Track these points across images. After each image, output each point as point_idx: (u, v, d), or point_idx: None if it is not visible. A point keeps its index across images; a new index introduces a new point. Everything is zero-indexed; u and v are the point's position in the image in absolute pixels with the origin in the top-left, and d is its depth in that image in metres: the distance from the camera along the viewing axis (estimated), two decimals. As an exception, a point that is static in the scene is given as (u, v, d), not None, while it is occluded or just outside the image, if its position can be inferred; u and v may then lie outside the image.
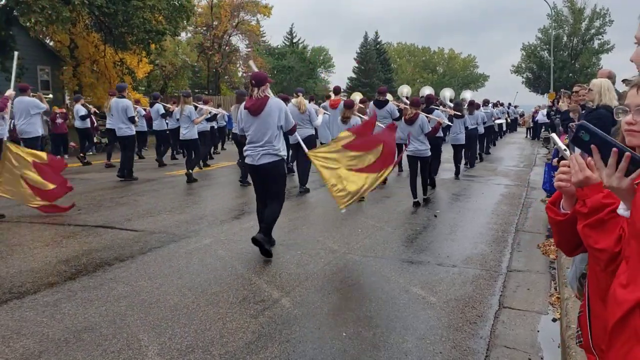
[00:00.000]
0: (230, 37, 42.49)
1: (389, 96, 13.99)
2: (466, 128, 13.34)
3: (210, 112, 13.71)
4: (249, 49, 46.48)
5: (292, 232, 7.06)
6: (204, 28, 41.87)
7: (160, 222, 7.54)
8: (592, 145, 1.49)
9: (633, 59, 1.95)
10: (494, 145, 22.29)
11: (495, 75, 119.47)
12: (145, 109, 17.10)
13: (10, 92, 8.57)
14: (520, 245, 6.67)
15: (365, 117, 10.02)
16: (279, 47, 61.83)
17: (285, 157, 6.43)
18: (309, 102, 12.67)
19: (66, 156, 18.23)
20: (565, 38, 54.70)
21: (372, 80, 60.68)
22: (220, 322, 4.09)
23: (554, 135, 1.86)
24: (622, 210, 1.53)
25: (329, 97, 13.87)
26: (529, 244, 6.72)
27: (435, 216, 8.24)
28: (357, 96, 15.86)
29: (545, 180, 8.81)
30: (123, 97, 12.24)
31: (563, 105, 9.24)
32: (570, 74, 52.54)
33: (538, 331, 4.11)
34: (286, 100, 10.59)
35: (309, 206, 8.92)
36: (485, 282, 5.16)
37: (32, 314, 4.23)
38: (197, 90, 41.34)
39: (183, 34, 35.69)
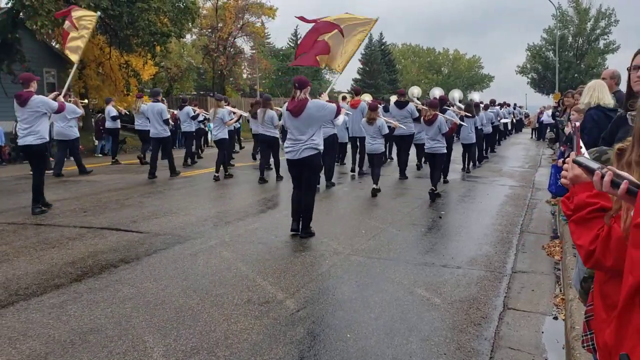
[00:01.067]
0: (235, 39, 42.54)
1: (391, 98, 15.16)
2: (476, 128, 14.04)
3: (240, 115, 14.55)
4: (254, 51, 46.60)
5: (297, 234, 7.06)
6: (209, 30, 41.96)
7: (165, 224, 7.57)
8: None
9: None
10: (499, 144, 22.73)
11: (500, 75, 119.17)
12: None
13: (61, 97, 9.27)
14: (525, 246, 6.67)
15: (392, 120, 11.54)
16: (283, 48, 61.88)
17: (322, 151, 7.05)
18: None
19: (72, 158, 18.36)
20: (570, 38, 54.60)
21: (377, 82, 60.71)
22: (225, 323, 4.11)
23: (584, 154, 1.88)
24: None
25: (344, 98, 14.94)
26: (533, 245, 6.71)
27: (440, 217, 8.24)
28: (366, 97, 16.16)
29: (551, 182, 8.78)
30: (157, 101, 13.14)
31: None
32: (576, 75, 52.39)
33: (542, 332, 4.11)
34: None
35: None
36: (490, 284, 5.16)
37: (39, 316, 4.25)
38: (202, 93, 41.46)
39: (188, 36, 35.85)
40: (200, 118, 16.64)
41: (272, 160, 12.60)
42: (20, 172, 14.50)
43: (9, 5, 19.36)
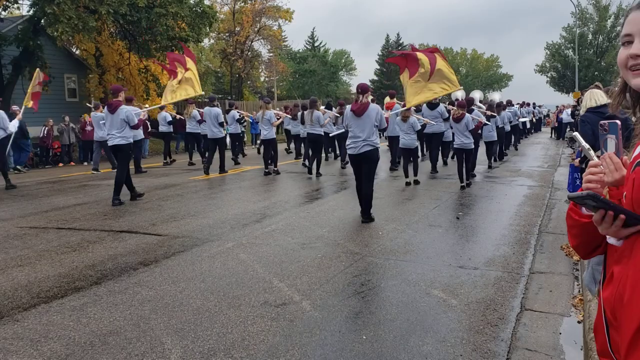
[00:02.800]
0: (252, 42, 42.76)
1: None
2: (497, 127, 15.12)
3: (284, 116, 16.47)
4: (271, 54, 46.77)
5: (313, 235, 7.09)
6: (227, 34, 42.23)
7: (183, 227, 7.65)
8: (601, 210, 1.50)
9: None
10: (519, 142, 23.21)
11: (519, 74, 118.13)
12: (175, 114, 19.18)
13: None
14: (544, 246, 6.61)
15: (423, 118, 12.92)
16: (300, 51, 62.03)
17: (379, 147, 8.02)
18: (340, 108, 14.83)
19: (92, 163, 18.63)
20: (590, 36, 53.93)
21: (394, 82, 60.49)
22: (241, 325, 4.14)
23: (576, 134, 1.83)
24: (612, 240, 1.53)
25: (342, 104, 15.75)
26: (552, 245, 6.65)
27: (458, 218, 8.20)
28: (387, 99, 17.18)
29: (570, 181, 8.69)
30: (214, 106, 14.71)
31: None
32: (596, 72, 51.73)
33: (560, 333, 4.07)
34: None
35: (329, 209, 8.95)
36: (507, 284, 5.13)
37: (59, 318, 4.33)
38: (220, 96, 41.70)
39: (206, 40, 36.06)
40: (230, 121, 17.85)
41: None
42: (42, 177, 14.74)
43: (31, 13, 19.70)
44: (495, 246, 6.56)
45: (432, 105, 14.04)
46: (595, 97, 5.03)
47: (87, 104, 20.29)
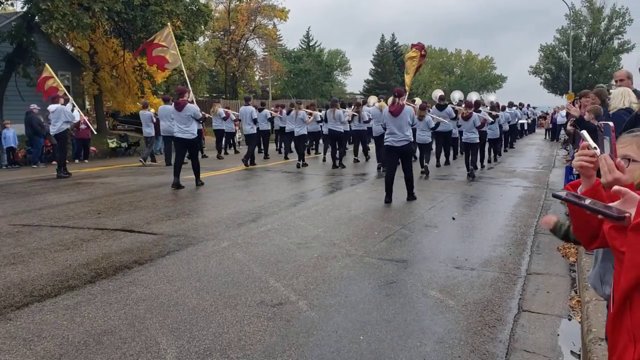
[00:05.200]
0: (247, 41, 42.70)
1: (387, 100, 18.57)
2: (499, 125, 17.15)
3: (314, 115, 17.71)
4: (266, 53, 46.70)
5: (309, 235, 7.06)
6: (222, 32, 42.16)
7: (178, 226, 7.60)
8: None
9: None
10: (515, 142, 24.59)
11: (513, 76, 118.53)
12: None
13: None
14: (540, 247, 6.60)
15: (437, 117, 14.56)
16: (295, 50, 61.95)
17: (413, 140, 9.71)
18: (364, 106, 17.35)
19: (86, 160, 18.52)
20: (584, 38, 54.20)
21: (389, 82, 60.54)
22: (238, 325, 4.10)
23: (584, 132, 1.84)
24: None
25: (359, 104, 17.66)
26: (548, 246, 6.65)
27: (454, 219, 8.19)
28: (372, 99, 18.53)
29: (565, 183, 8.70)
30: (248, 105, 17.09)
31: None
32: (590, 75, 51.96)
33: (558, 335, 4.06)
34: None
35: (325, 209, 8.92)
36: (504, 285, 5.11)
37: (53, 317, 4.28)
38: (214, 95, 41.61)
39: (201, 39, 35.97)
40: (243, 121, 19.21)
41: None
42: (34, 174, 14.63)
43: (25, 9, 19.56)
44: (492, 247, 6.55)
45: (440, 107, 16.08)
46: (631, 98, 4.92)
47: (138, 104, 21.87)
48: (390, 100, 11.10)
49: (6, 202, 9.79)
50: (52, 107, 13.65)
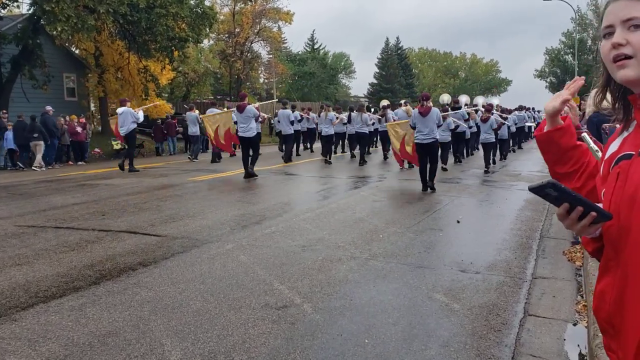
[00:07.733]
0: (252, 43, 42.77)
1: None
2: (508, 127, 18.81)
3: (339, 118, 19.32)
4: (271, 55, 46.77)
5: (314, 237, 7.05)
6: (226, 35, 42.24)
7: (183, 228, 7.60)
8: (565, 204, 1.35)
9: None
10: (523, 142, 26.52)
11: (518, 80, 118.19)
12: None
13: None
14: (545, 251, 6.57)
15: (457, 121, 16.37)
16: (300, 53, 61.99)
17: (438, 139, 11.34)
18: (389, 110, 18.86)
19: (80, 162, 18.59)
20: (589, 41, 54.08)
21: (394, 86, 60.60)
22: (242, 327, 4.09)
23: (585, 135, 1.80)
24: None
25: (386, 106, 19.52)
26: (554, 250, 6.61)
27: (458, 222, 8.16)
28: (384, 102, 20.85)
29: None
30: (285, 108, 18.62)
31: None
32: (595, 78, 51.75)
33: (564, 339, 4.03)
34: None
35: (329, 212, 8.91)
36: (510, 289, 5.09)
37: (58, 318, 4.28)
38: (219, 97, 41.67)
39: (205, 41, 36.04)
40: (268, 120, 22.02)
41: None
42: (40, 176, 14.68)
43: (30, 11, 19.65)
44: (497, 250, 6.52)
45: (454, 108, 18.13)
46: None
47: (185, 106, 23.73)
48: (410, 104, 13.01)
49: (11, 203, 9.81)
50: (120, 110, 15.38)
